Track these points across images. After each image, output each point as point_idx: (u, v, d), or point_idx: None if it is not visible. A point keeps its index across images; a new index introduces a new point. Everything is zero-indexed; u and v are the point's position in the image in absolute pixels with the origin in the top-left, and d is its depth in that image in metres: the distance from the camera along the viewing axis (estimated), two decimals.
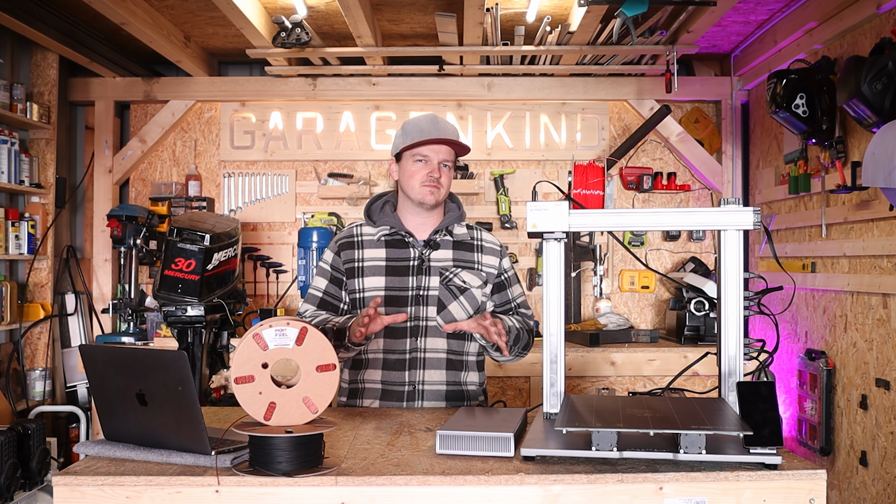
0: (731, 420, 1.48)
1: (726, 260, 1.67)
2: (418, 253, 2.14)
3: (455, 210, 2.22)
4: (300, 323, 1.48)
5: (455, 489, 1.39)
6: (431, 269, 2.13)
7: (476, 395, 2.21)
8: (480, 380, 2.23)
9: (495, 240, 2.27)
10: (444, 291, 2.12)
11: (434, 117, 2.14)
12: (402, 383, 2.10)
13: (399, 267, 2.13)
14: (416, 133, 2.10)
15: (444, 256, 2.15)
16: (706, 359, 2.01)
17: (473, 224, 2.29)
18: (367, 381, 2.13)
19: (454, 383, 2.14)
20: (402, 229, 2.15)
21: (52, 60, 4.15)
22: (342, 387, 2.21)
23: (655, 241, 4.52)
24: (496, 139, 4.51)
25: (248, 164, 4.53)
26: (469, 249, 2.19)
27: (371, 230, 2.19)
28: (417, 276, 2.12)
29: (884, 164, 2.55)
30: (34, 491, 3.29)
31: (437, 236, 2.16)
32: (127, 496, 1.39)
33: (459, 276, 2.14)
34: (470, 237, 2.22)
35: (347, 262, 2.16)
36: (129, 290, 4.16)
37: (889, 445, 2.99)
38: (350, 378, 2.18)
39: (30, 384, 4.04)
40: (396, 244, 2.16)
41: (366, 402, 2.12)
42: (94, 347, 1.60)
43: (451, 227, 2.19)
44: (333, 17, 3.77)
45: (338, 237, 2.22)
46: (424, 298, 2.11)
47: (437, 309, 2.11)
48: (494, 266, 2.21)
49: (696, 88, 4.42)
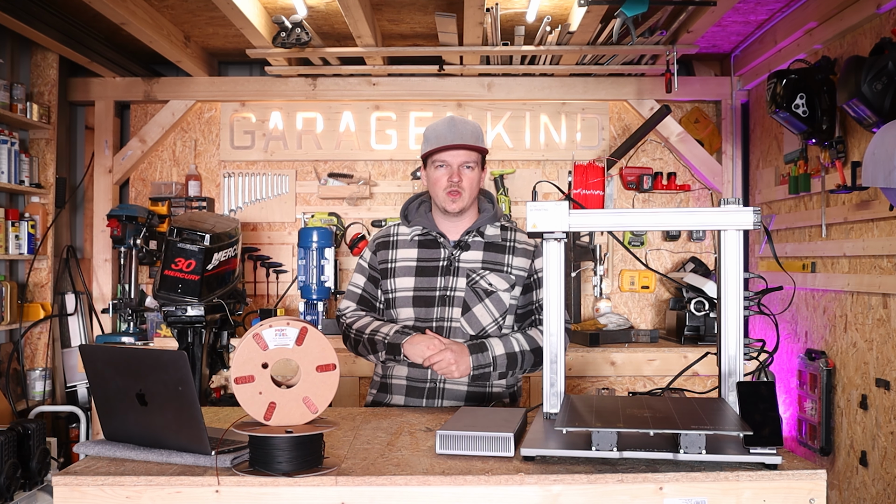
0: (731, 420, 1.48)
1: (726, 260, 1.67)
2: (448, 253, 2.16)
3: (489, 210, 2.23)
4: (300, 323, 1.48)
5: (455, 489, 1.39)
6: (460, 269, 2.15)
7: (501, 396, 2.20)
8: (510, 381, 2.22)
9: (529, 241, 2.23)
10: (470, 293, 2.13)
11: (452, 121, 2.15)
12: (424, 380, 2.13)
13: (428, 267, 2.15)
14: (434, 139, 2.13)
15: (474, 258, 2.16)
16: (706, 359, 2.01)
17: (510, 223, 2.26)
18: (394, 376, 2.18)
19: (477, 384, 2.14)
20: (434, 230, 2.18)
21: (52, 60, 4.15)
22: (375, 380, 2.26)
23: (655, 241, 4.52)
24: (496, 139, 4.51)
25: (248, 164, 4.53)
26: (500, 251, 2.19)
27: (406, 230, 2.23)
28: (445, 276, 2.14)
29: (884, 164, 2.55)
30: (34, 491, 3.29)
31: (468, 237, 2.18)
32: (127, 496, 1.39)
33: (486, 278, 2.14)
34: (502, 238, 2.21)
35: (382, 263, 2.21)
36: (129, 290, 4.16)
37: (889, 445, 2.99)
38: (382, 373, 2.23)
39: (30, 384, 4.04)
40: (428, 244, 2.19)
41: (394, 398, 2.17)
42: (94, 347, 1.60)
43: (483, 227, 2.20)
44: (333, 17, 3.77)
45: (375, 235, 2.28)
46: (451, 299, 2.13)
47: (462, 311, 2.13)
48: (525, 268, 2.19)
49: (696, 88, 4.42)
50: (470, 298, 2.13)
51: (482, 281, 2.14)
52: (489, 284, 2.14)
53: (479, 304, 2.13)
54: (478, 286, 2.13)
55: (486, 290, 2.13)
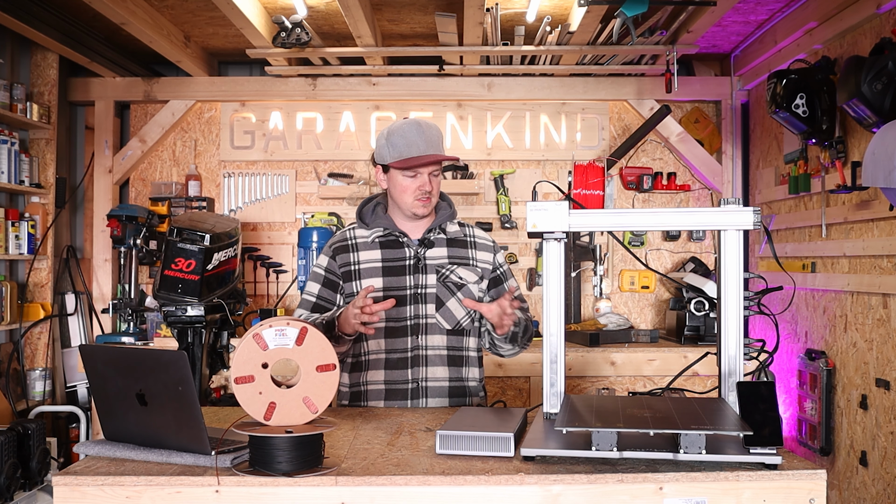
0: (731, 420, 1.48)
1: (726, 260, 1.67)
2: (413, 252, 2.16)
3: (446, 208, 2.24)
4: (300, 323, 1.48)
5: (455, 489, 1.39)
6: (427, 267, 2.16)
7: (476, 391, 2.23)
8: (480, 375, 2.26)
9: (487, 236, 2.30)
10: (442, 288, 2.14)
11: (419, 127, 2.10)
12: (405, 381, 2.12)
13: (395, 267, 2.15)
14: (405, 147, 2.08)
15: (440, 254, 2.18)
16: (706, 359, 2.01)
17: (465, 222, 2.31)
18: (370, 382, 2.14)
19: (456, 379, 2.16)
20: (395, 230, 2.17)
21: (52, 60, 4.15)
22: (342, 391, 2.21)
23: (655, 241, 4.52)
24: (496, 139, 4.51)
25: (248, 164, 4.53)
26: (463, 246, 2.22)
27: (364, 232, 2.21)
28: (414, 274, 2.15)
29: (884, 164, 2.55)
30: (34, 491, 3.29)
31: (431, 235, 2.19)
32: (127, 496, 1.39)
33: (455, 272, 2.17)
34: (463, 234, 2.25)
35: (343, 266, 2.17)
36: (129, 290, 4.16)
37: (889, 445, 2.99)
38: (351, 381, 2.18)
39: (30, 384, 4.04)
40: (391, 245, 2.17)
41: (370, 404, 2.13)
42: (94, 347, 1.61)
43: (445, 225, 2.21)
44: (333, 17, 3.77)
45: (331, 241, 2.24)
46: (422, 296, 2.13)
47: (436, 306, 2.14)
48: (489, 261, 2.23)
49: (696, 88, 4.42)
50: (442, 293, 2.14)
51: (452, 275, 2.16)
52: (459, 278, 2.16)
53: (452, 297, 2.15)
54: (449, 280, 2.15)
55: (456, 283, 2.16)
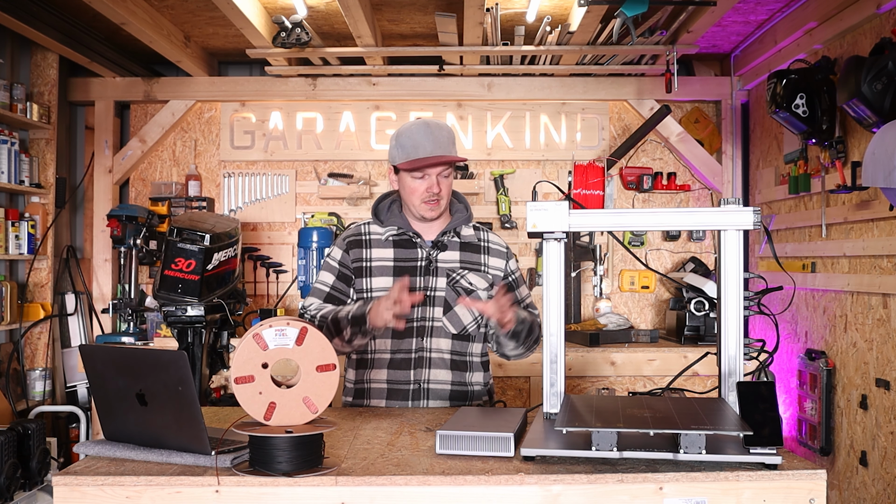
0: (731, 420, 1.48)
1: (726, 260, 1.67)
2: (426, 254, 2.15)
3: (462, 211, 2.23)
4: (300, 323, 1.48)
5: (455, 489, 1.39)
6: (439, 269, 2.14)
7: (480, 394, 2.22)
8: (485, 379, 2.25)
9: (502, 241, 2.27)
10: (451, 293, 2.13)
11: (427, 128, 2.09)
12: (407, 382, 2.11)
13: (407, 267, 2.14)
14: (412, 148, 2.07)
15: (452, 258, 2.16)
16: (706, 359, 2.01)
17: (481, 225, 2.29)
18: (373, 380, 2.14)
19: (459, 383, 2.16)
20: (409, 230, 2.16)
21: (52, 60, 4.15)
22: (347, 387, 2.22)
23: (655, 241, 4.52)
24: (496, 139, 4.51)
25: (248, 164, 4.53)
26: (476, 251, 2.20)
27: (379, 229, 2.20)
28: (425, 276, 2.13)
29: (884, 164, 2.55)
30: (34, 491, 3.29)
31: (445, 237, 2.17)
32: (127, 496, 1.39)
33: (466, 277, 2.15)
34: (477, 238, 2.23)
35: (356, 261, 2.17)
36: (129, 290, 4.16)
37: (889, 445, 2.99)
38: (356, 378, 2.18)
39: (30, 384, 4.04)
40: (404, 244, 2.17)
41: (373, 402, 2.14)
42: (94, 347, 1.61)
43: (459, 228, 2.20)
44: (333, 17, 3.77)
45: (345, 234, 2.23)
46: (431, 299, 2.12)
47: (444, 310, 2.13)
48: (501, 268, 2.22)
49: (696, 88, 4.42)
50: (451, 298, 2.13)
51: (462, 280, 2.14)
52: (469, 283, 2.15)
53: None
54: (458, 285, 2.14)
55: (466, 289, 2.14)
